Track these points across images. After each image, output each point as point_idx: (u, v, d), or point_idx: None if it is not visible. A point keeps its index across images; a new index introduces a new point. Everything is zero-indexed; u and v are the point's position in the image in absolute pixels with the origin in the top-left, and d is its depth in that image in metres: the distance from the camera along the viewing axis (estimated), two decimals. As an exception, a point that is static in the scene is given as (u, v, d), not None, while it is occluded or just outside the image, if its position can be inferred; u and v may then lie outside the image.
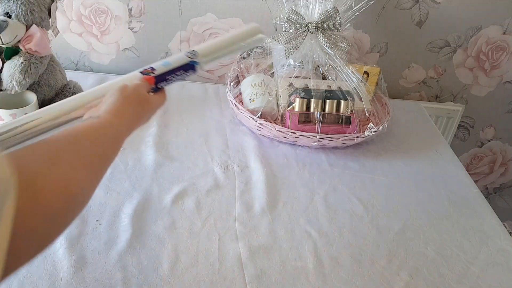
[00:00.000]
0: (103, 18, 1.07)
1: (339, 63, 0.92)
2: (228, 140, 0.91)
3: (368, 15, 1.05)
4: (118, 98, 0.52)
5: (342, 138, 0.88)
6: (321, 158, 0.89)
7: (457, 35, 1.12)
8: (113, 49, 1.12)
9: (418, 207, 0.79)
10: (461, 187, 0.86)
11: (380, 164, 0.89)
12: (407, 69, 1.18)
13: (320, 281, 0.63)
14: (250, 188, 0.79)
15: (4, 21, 0.77)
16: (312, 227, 0.72)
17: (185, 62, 0.60)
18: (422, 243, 0.72)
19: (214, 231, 0.69)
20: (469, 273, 0.67)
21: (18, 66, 0.78)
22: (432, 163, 0.92)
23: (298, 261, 0.66)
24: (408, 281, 0.65)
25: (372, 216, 0.76)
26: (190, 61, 0.60)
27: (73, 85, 0.90)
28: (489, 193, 1.46)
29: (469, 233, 0.75)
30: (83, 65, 1.14)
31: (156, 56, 1.13)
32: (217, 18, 1.07)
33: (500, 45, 1.14)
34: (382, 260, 0.68)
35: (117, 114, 0.51)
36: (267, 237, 0.69)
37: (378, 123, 0.92)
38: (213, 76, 1.17)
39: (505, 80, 1.21)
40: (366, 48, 1.14)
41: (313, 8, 0.92)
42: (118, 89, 0.53)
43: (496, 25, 1.11)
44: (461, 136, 1.32)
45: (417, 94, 1.22)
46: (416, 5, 1.07)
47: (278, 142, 0.92)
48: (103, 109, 0.51)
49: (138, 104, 0.55)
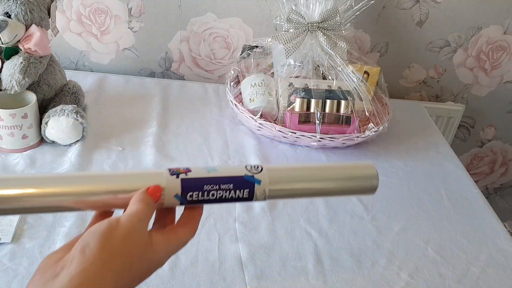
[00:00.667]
0: (102, 18, 1.07)
1: (339, 63, 0.92)
2: (228, 140, 0.91)
3: (368, 14, 1.05)
4: (94, 257, 0.33)
5: (342, 138, 0.88)
6: (321, 158, 0.89)
7: (458, 35, 1.12)
8: (112, 49, 1.11)
9: (418, 207, 0.79)
10: (461, 187, 0.86)
11: (380, 164, 0.89)
12: (408, 69, 1.18)
13: (320, 281, 0.63)
14: (250, 188, 0.79)
15: (4, 21, 0.77)
16: (312, 227, 0.72)
17: (239, 174, 0.42)
18: (422, 243, 0.72)
19: (214, 231, 0.69)
20: (469, 273, 0.67)
21: (17, 66, 0.78)
22: (432, 163, 0.92)
23: (298, 261, 0.66)
24: (408, 281, 0.65)
25: (372, 216, 0.76)
26: (247, 176, 0.42)
27: (73, 85, 0.90)
28: (489, 193, 1.46)
29: (469, 233, 0.75)
30: (82, 65, 1.14)
31: (156, 56, 1.13)
32: (217, 18, 1.07)
33: (501, 45, 1.14)
34: (382, 260, 0.68)
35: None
36: (267, 237, 0.69)
37: (378, 123, 0.92)
38: (213, 76, 1.17)
39: (505, 80, 1.21)
40: (366, 48, 1.14)
41: (313, 8, 0.92)
42: (100, 235, 0.34)
43: (497, 25, 1.11)
44: (461, 136, 1.32)
45: (418, 94, 1.22)
46: (417, 5, 1.07)
47: (278, 142, 0.92)
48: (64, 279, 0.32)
49: (132, 260, 0.35)
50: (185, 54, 1.13)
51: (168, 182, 0.40)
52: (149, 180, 0.40)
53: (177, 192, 0.40)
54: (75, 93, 0.89)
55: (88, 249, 0.33)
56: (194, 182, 0.41)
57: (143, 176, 0.41)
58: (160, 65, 1.15)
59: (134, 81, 1.09)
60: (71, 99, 0.87)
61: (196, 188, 0.41)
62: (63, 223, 0.67)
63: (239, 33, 1.10)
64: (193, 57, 1.13)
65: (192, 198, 0.41)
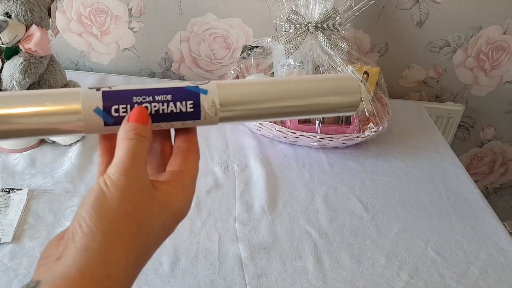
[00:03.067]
0: (103, 18, 1.07)
1: (339, 63, 0.92)
2: (228, 140, 0.91)
3: (368, 15, 1.05)
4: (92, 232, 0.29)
5: (342, 138, 0.88)
6: (321, 158, 0.89)
7: (457, 35, 1.12)
8: (113, 49, 1.12)
9: (418, 207, 0.79)
10: (461, 187, 0.86)
11: (380, 164, 0.89)
12: (407, 69, 1.18)
13: (320, 281, 0.63)
14: (250, 188, 0.79)
15: (4, 21, 0.77)
16: (312, 227, 0.72)
17: (180, 86, 0.35)
18: (422, 243, 0.72)
19: (214, 231, 0.69)
20: (468, 273, 0.67)
21: (18, 66, 0.78)
22: (432, 163, 0.92)
23: (298, 261, 0.66)
24: (408, 281, 0.65)
25: (372, 216, 0.76)
26: (189, 87, 0.35)
27: (73, 85, 0.90)
28: (489, 193, 1.46)
29: (469, 233, 0.75)
30: (83, 65, 1.14)
31: (156, 56, 1.13)
32: (217, 18, 1.07)
33: (500, 45, 1.14)
34: (382, 260, 0.68)
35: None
36: (267, 237, 0.69)
37: (378, 123, 0.92)
38: (213, 76, 1.17)
39: (505, 80, 1.21)
40: (366, 48, 1.14)
41: (313, 8, 0.92)
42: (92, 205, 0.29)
43: (496, 25, 1.11)
44: (461, 136, 1.32)
45: (417, 94, 1.22)
46: (416, 5, 1.07)
47: (278, 142, 0.92)
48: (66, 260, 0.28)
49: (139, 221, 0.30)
50: (185, 54, 1.13)
51: (85, 96, 0.32)
52: (62, 99, 0.33)
53: (98, 105, 0.32)
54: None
55: (84, 223, 0.29)
56: (120, 94, 0.33)
57: (54, 96, 0.33)
58: (160, 65, 1.15)
59: (134, 81, 1.09)
60: (71, 99, 0.87)
61: (123, 100, 0.33)
62: (63, 223, 0.67)
63: (239, 33, 1.10)
64: (193, 57, 1.13)
65: (119, 113, 0.33)
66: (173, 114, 0.34)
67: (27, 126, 0.33)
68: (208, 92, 0.35)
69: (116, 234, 0.29)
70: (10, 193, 0.70)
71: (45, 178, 0.75)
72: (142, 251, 0.31)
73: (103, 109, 0.33)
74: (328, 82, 0.38)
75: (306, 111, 0.38)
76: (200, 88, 0.35)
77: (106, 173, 0.31)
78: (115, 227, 0.29)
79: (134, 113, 0.33)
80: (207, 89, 0.35)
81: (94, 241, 0.28)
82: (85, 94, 0.33)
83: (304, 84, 0.37)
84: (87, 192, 0.31)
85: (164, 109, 0.34)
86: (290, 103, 0.37)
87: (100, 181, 0.30)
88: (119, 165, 0.31)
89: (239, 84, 0.37)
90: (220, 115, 0.35)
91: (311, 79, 0.38)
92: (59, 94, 0.33)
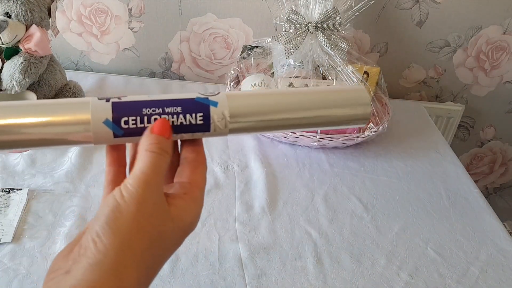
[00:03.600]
0: (103, 18, 1.07)
1: (339, 63, 0.92)
2: (228, 140, 0.91)
3: (368, 15, 1.05)
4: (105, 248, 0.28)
5: (342, 138, 0.88)
6: (321, 158, 0.89)
7: (457, 35, 1.12)
8: (113, 49, 1.12)
9: (418, 207, 0.79)
10: (461, 187, 0.86)
11: (380, 164, 0.89)
12: (407, 69, 1.18)
13: (320, 281, 0.63)
14: (250, 188, 0.79)
15: (4, 21, 0.77)
16: (312, 227, 0.72)
17: (190, 97, 0.34)
18: (421, 243, 0.72)
19: (214, 231, 0.69)
20: (468, 273, 0.67)
21: (18, 66, 0.78)
22: (432, 163, 0.92)
23: (298, 261, 0.66)
24: (408, 281, 0.65)
25: (372, 216, 0.76)
26: (199, 98, 0.34)
27: (73, 85, 0.91)
28: (489, 193, 1.46)
29: (469, 233, 0.75)
30: (83, 65, 1.14)
31: (156, 56, 1.13)
32: (217, 18, 1.07)
33: (500, 45, 1.14)
34: (382, 260, 0.68)
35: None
36: (267, 237, 0.69)
37: (378, 123, 0.92)
38: (213, 76, 1.17)
39: (505, 80, 1.21)
40: (366, 48, 1.14)
41: (313, 8, 0.92)
42: (106, 220, 0.29)
43: (496, 25, 1.11)
44: (461, 136, 1.32)
45: (417, 94, 1.22)
46: (416, 5, 1.07)
47: (278, 142, 0.92)
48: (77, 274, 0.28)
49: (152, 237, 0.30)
50: (185, 54, 1.13)
51: (95, 107, 0.32)
52: (72, 110, 0.32)
53: (108, 117, 0.32)
54: (76, 93, 0.89)
55: (98, 239, 0.28)
56: (130, 105, 0.33)
57: (64, 106, 0.32)
58: (160, 65, 1.15)
59: (134, 81, 1.09)
60: (71, 99, 0.87)
61: (133, 112, 0.33)
62: (63, 223, 0.67)
63: (239, 33, 1.10)
64: (193, 57, 1.13)
65: (129, 125, 0.32)
66: (183, 126, 0.34)
67: (35, 136, 0.32)
68: (218, 104, 0.34)
69: (130, 251, 0.29)
70: (10, 193, 0.70)
71: (45, 178, 0.75)
72: (154, 265, 0.31)
73: (112, 121, 0.32)
74: (339, 94, 0.38)
75: (316, 123, 0.37)
76: (210, 100, 0.34)
77: (123, 184, 0.30)
78: (129, 243, 0.29)
79: (157, 125, 0.32)
80: (217, 101, 0.34)
81: (107, 257, 0.28)
82: (95, 105, 0.32)
83: (315, 95, 0.37)
84: (102, 203, 0.30)
85: (174, 121, 0.33)
86: (300, 115, 0.36)
87: (115, 193, 0.30)
88: (140, 177, 0.30)
89: (249, 95, 0.36)
90: (230, 126, 0.35)
91: (322, 91, 0.37)
92: (68, 104, 0.33)
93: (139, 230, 0.29)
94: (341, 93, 0.38)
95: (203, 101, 0.34)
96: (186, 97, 0.34)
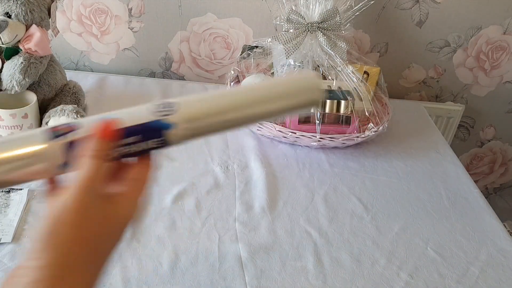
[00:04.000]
0: (103, 18, 1.07)
1: (339, 63, 0.92)
2: (228, 140, 0.91)
3: (368, 15, 1.05)
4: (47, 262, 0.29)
5: (342, 138, 0.88)
6: (321, 158, 0.89)
7: (457, 35, 1.12)
8: (113, 49, 1.12)
9: (418, 207, 0.79)
10: (461, 187, 0.86)
11: (380, 164, 0.89)
12: (407, 69, 1.18)
13: (320, 281, 0.63)
14: (250, 188, 0.79)
15: (4, 21, 0.77)
16: (312, 227, 0.72)
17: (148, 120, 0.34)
18: (421, 243, 0.72)
19: (214, 231, 0.69)
20: (468, 273, 0.67)
21: (18, 66, 0.78)
22: (432, 163, 0.92)
23: (298, 261, 0.66)
24: (408, 281, 0.65)
25: (372, 216, 0.76)
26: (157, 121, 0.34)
27: (73, 85, 0.90)
28: (489, 193, 1.46)
29: (469, 233, 0.75)
30: (83, 65, 1.14)
31: (156, 56, 1.13)
32: (217, 18, 1.07)
33: (500, 45, 1.14)
34: (382, 260, 0.68)
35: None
36: (267, 237, 0.69)
37: (378, 123, 0.92)
38: (213, 76, 1.17)
39: (505, 80, 1.21)
40: (366, 48, 1.14)
41: (313, 8, 0.92)
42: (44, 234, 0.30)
43: (496, 25, 1.11)
44: (461, 136, 1.32)
45: (417, 94, 1.22)
46: (416, 5, 1.07)
47: (278, 142, 0.92)
48: None
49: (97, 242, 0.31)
50: (185, 54, 1.13)
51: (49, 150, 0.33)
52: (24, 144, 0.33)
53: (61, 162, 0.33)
54: (76, 93, 0.89)
55: (39, 253, 0.29)
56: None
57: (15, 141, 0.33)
58: (160, 65, 1.15)
59: (134, 81, 1.09)
60: (71, 99, 0.87)
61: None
62: (63, 223, 0.67)
63: (239, 33, 1.10)
64: (193, 57, 1.13)
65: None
66: (137, 152, 0.35)
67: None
68: (171, 126, 0.35)
69: (73, 261, 0.29)
70: (10, 193, 0.70)
71: (45, 178, 0.75)
72: (99, 265, 0.31)
73: None
74: (283, 85, 0.39)
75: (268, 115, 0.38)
76: (163, 123, 0.35)
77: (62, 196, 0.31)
78: (71, 255, 0.29)
79: (99, 129, 0.33)
80: (170, 123, 0.35)
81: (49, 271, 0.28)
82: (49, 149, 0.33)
83: (256, 92, 0.38)
84: (41, 218, 0.31)
85: (129, 151, 0.34)
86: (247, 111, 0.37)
87: (53, 206, 0.31)
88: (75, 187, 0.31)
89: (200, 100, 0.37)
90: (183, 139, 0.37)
91: (264, 86, 0.39)
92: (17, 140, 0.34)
93: (80, 239, 0.30)
94: (285, 84, 0.39)
95: (156, 126, 0.34)
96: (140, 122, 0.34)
